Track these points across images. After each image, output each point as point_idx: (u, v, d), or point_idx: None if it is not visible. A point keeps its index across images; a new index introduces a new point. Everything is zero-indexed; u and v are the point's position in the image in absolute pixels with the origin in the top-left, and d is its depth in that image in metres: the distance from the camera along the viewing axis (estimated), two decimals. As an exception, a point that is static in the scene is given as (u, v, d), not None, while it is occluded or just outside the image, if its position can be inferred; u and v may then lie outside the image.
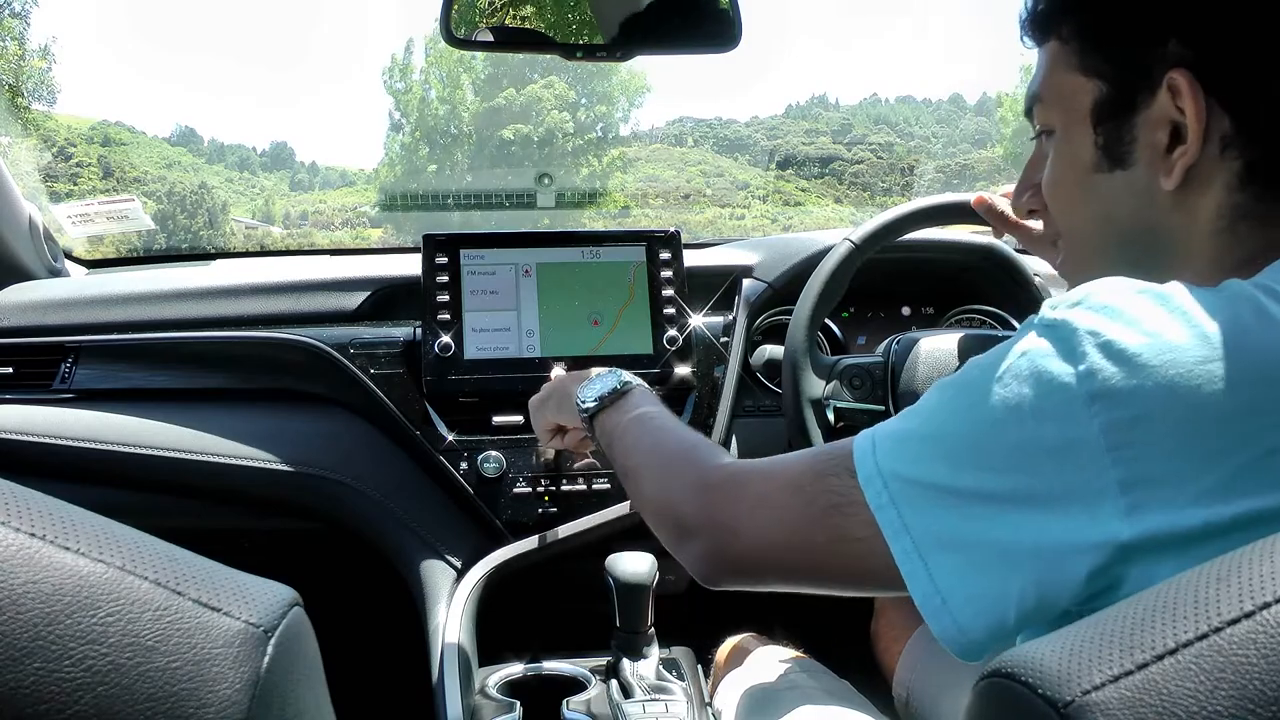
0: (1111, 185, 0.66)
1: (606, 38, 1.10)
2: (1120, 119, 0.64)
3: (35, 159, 6.22)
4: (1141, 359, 0.51)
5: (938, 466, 0.57)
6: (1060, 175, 0.70)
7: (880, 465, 0.60)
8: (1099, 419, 0.51)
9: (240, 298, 1.33)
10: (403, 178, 28.31)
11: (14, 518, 0.35)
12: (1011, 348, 0.57)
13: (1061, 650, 0.38)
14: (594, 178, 28.19)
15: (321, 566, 1.44)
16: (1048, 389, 0.53)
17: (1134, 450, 0.50)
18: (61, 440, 1.24)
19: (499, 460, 1.23)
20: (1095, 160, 0.66)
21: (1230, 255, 0.62)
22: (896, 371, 1.13)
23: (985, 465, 0.55)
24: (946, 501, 0.56)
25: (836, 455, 0.64)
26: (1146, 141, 0.63)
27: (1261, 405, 0.50)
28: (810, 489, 0.64)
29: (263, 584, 0.40)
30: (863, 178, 36.44)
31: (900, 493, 0.58)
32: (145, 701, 0.34)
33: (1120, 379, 0.51)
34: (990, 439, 0.55)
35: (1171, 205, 0.63)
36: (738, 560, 0.69)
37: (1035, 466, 0.53)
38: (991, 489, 0.54)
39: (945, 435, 0.58)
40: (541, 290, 1.30)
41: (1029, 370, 0.54)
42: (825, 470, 0.64)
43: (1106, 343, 0.52)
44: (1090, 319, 0.54)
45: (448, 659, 1.08)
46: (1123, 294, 0.55)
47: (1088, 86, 0.65)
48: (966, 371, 0.60)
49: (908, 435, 0.60)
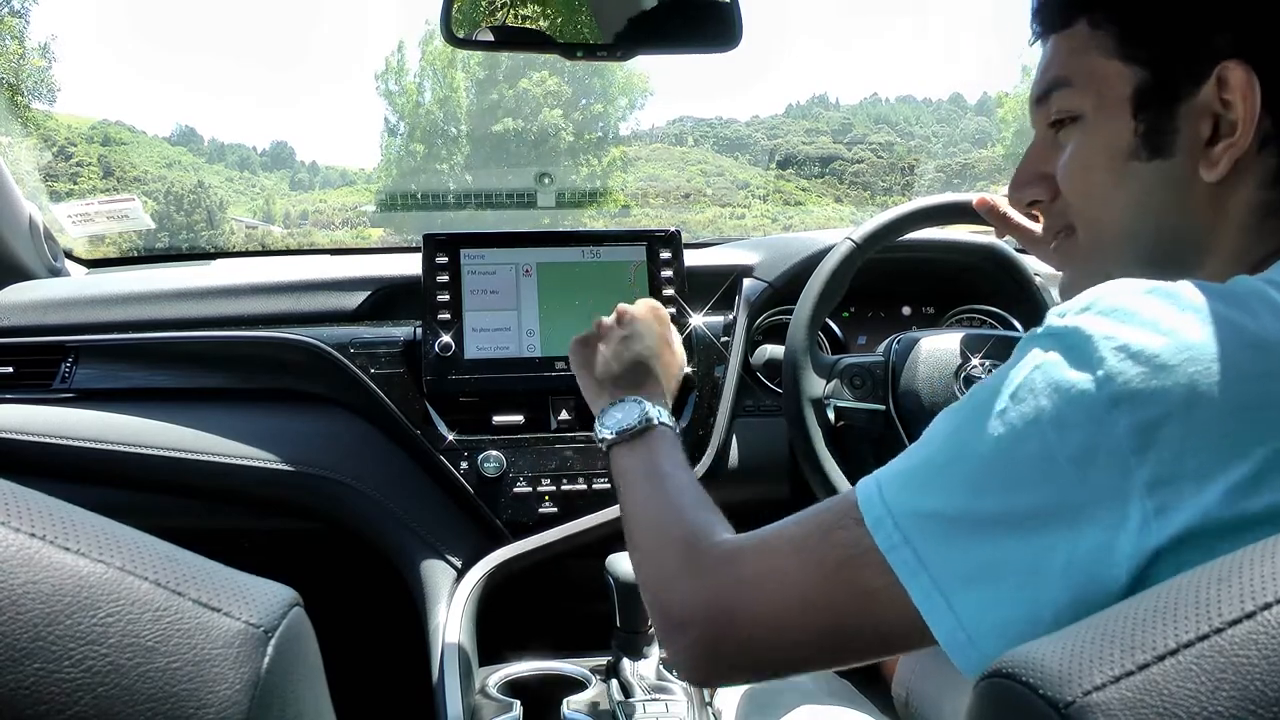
0: (1148, 174, 0.64)
1: (607, 37, 1.10)
2: (1164, 107, 0.63)
3: (35, 158, 6.23)
4: (1160, 359, 0.50)
5: (956, 494, 0.55)
6: (1091, 162, 0.67)
7: (890, 505, 0.57)
8: (1123, 421, 0.50)
9: (240, 297, 1.33)
10: (401, 179, 28.31)
11: (14, 518, 0.35)
12: (1018, 363, 0.56)
13: (1062, 651, 0.38)
14: (594, 177, 28.18)
15: (321, 566, 1.44)
16: (1067, 397, 0.52)
17: (1160, 451, 0.49)
18: (61, 440, 1.24)
19: (499, 460, 1.23)
20: (1133, 147, 0.64)
21: (1252, 251, 0.62)
22: (897, 371, 1.13)
23: (1008, 484, 0.53)
24: (967, 531, 0.54)
25: (840, 507, 0.61)
26: (1189, 132, 0.62)
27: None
28: (817, 548, 0.60)
29: (263, 584, 0.40)
30: (863, 177, 36.43)
31: (915, 529, 0.55)
32: (145, 702, 0.34)
33: (1141, 380, 0.50)
34: (1011, 456, 0.53)
35: (1207, 198, 0.62)
36: (738, 648, 0.63)
37: (1060, 478, 0.51)
38: (1016, 509, 0.52)
39: (962, 459, 0.55)
40: (542, 290, 1.30)
41: (1045, 382, 0.53)
42: (830, 525, 0.60)
43: (1123, 345, 0.51)
44: (1102, 323, 0.53)
45: (448, 658, 1.08)
46: (1132, 295, 0.54)
47: (1126, 73, 0.64)
48: (975, 395, 0.58)
49: (918, 468, 0.58)
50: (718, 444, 1.28)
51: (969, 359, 1.11)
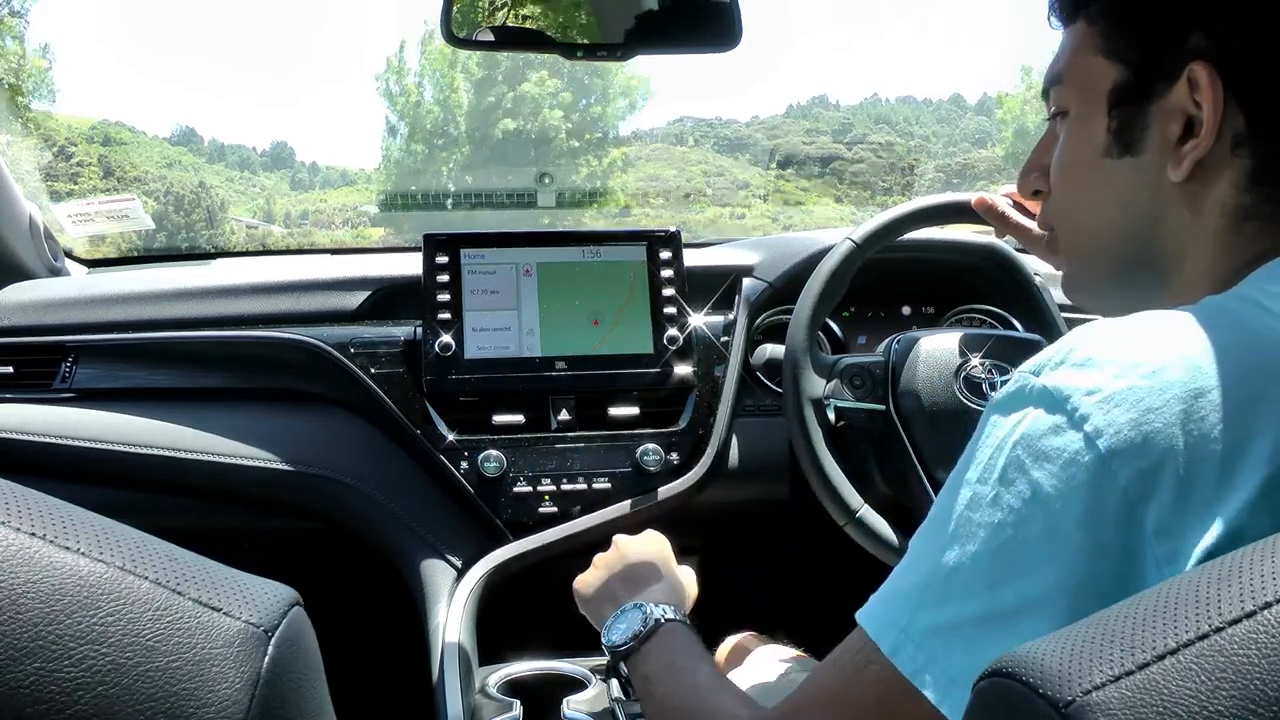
0: (1120, 171, 0.65)
1: (607, 37, 1.10)
2: (1136, 105, 0.63)
3: (36, 158, 6.22)
4: (1146, 403, 0.49)
5: (970, 597, 0.53)
6: (1072, 158, 0.69)
7: (905, 628, 0.55)
8: (1123, 473, 0.49)
9: (241, 297, 1.33)
10: (401, 180, 28.27)
11: (14, 517, 0.35)
12: (992, 437, 0.54)
13: (1062, 650, 0.38)
14: (594, 177, 28.16)
15: (322, 566, 1.44)
16: (1061, 463, 0.50)
17: (1160, 496, 0.48)
18: (62, 440, 1.24)
19: (499, 460, 1.23)
20: (1106, 144, 0.65)
21: (1234, 256, 0.61)
22: (897, 371, 1.13)
23: (1021, 570, 0.51)
24: (994, 630, 0.51)
25: (857, 646, 0.60)
26: (1159, 131, 0.62)
27: (1268, 393, 0.49)
28: (850, 696, 0.59)
29: (263, 584, 0.40)
30: (863, 177, 36.38)
31: (938, 646, 0.54)
32: (145, 701, 0.34)
33: (1132, 427, 0.49)
34: (1018, 542, 0.51)
35: (1177, 198, 0.62)
36: None
37: (1072, 549, 0.50)
38: (1034, 593, 0.50)
39: (968, 559, 0.53)
40: (542, 290, 1.30)
41: (1032, 454, 0.51)
42: (855, 665, 0.59)
43: (1107, 396, 0.50)
44: (1080, 376, 0.52)
45: (448, 658, 1.08)
46: (1104, 341, 0.53)
47: (1109, 70, 0.64)
48: (956, 493, 0.56)
49: (923, 582, 0.56)
50: (718, 444, 1.28)
51: (969, 359, 1.11)
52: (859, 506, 1.09)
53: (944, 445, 1.07)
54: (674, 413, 1.31)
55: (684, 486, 1.26)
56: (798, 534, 1.48)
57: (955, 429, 1.07)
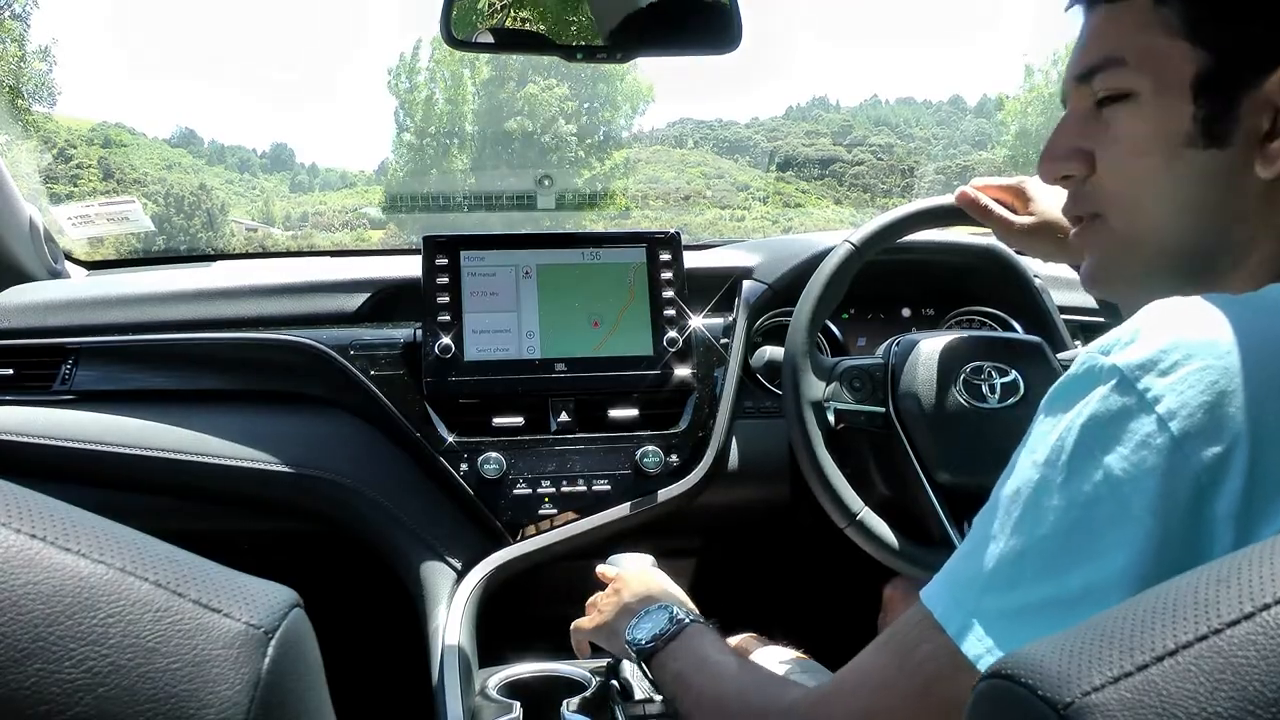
0: (1201, 163, 0.61)
1: (606, 39, 1.10)
2: (1227, 95, 0.60)
3: (35, 160, 6.24)
4: (1219, 386, 0.48)
5: (1038, 582, 0.52)
6: (1143, 145, 0.63)
7: (972, 610, 0.54)
8: (1195, 457, 0.48)
9: (240, 299, 1.33)
10: (406, 179, 28.32)
11: (15, 519, 0.35)
12: (1062, 416, 0.53)
13: (1061, 651, 0.38)
14: (595, 180, 28.21)
15: (322, 568, 1.44)
16: (1133, 446, 0.49)
17: (1233, 481, 0.47)
18: (62, 442, 1.24)
19: (499, 461, 1.23)
20: (1190, 134, 0.61)
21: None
22: (896, 373, 1.13)
23: (1089, 554, 0.50)
24: (1060, 615, 0.50)
25: (914, 624, 0.58)
26: (1247, 124, 0.59)
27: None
28: (901, 675, 0.58)
29: (263, 585, 0.40)
30: (863, 179, 36.43)
31: (1004, 630, 0.52)
32: (146, 703, 0.34)
33: (1205, 411, 0.48)
34: (1087, 526, 0.50)
35: (1258, 193, 0.60)
36: None
37: (1142, 533, 0.49)
38: (1101, 578, 0.49)
39: (1035, 542, 0.52)
40: (542, 291, 1.30)
41: (1104, 435, 0.50)
42: (907, 645, 0.58)
43: (1180, 378, 0.49)
44: (1152, 357, 0.50)
45: (448, 660, 1.08)
46: (1174, 321, 0.51)
47: (1192, 54, 0.60)
48: (1024, 472, 0.54)
49: (988, 566, 0.54)
50: (718, 446, 1.28)
51: (968, 361, 1.11)
52: (859, 509, 1.09)
53: (944, 447, 1.07)
54: (674, 415, 1.31)
55: (684, 488, 1.26)
56: (797, 536, 1.49)
57: (955, 431, 1.08)
